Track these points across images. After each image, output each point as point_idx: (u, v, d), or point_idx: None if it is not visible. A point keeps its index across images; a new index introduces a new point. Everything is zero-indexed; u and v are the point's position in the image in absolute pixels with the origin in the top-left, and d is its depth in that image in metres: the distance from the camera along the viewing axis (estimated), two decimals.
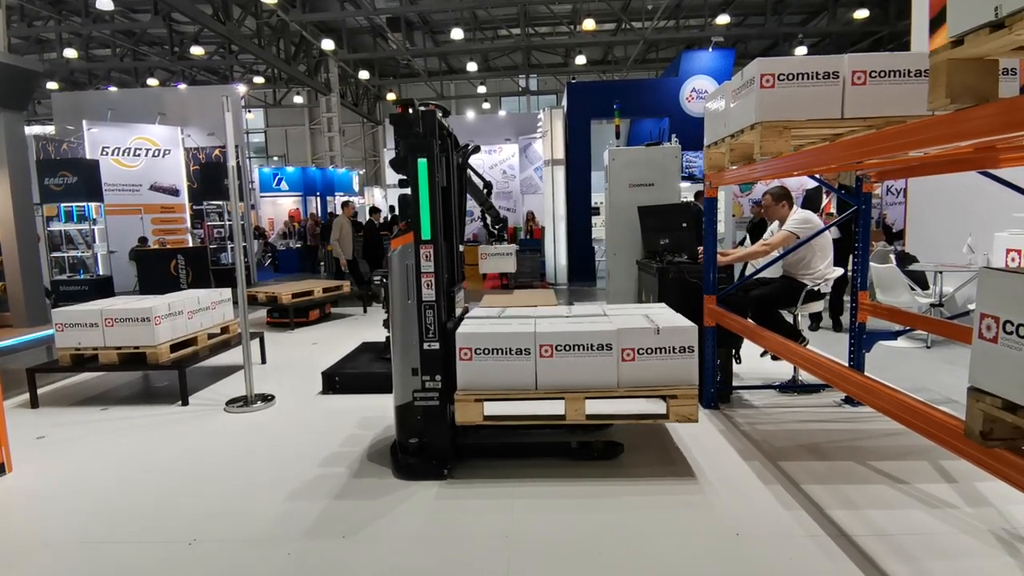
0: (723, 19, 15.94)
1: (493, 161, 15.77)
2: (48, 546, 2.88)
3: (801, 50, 17.70)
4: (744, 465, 3.53)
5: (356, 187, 22.85)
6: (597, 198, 12.86)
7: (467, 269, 12.98)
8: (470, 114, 19.52)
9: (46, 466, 3.84)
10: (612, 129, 14.33)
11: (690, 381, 3.31)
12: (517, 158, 15.33)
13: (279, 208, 21.05)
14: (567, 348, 3.31)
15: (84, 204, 11.46)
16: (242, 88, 16.22)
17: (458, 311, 3.92)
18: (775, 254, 4.55)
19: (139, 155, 13.29)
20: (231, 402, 4.99)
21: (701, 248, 4.57)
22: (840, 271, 4.73)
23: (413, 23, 19.68)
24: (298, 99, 24.03)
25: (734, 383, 4.76)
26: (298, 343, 7.47)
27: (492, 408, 3.38)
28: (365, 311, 9.76)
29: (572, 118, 12.13)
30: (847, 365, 4.20)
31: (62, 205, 11.43)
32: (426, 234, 3.41)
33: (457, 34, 16.52)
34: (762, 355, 5.37)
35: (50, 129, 15.50)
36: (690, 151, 11.17)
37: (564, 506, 3.10)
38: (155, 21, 16.46)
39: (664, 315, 3.65)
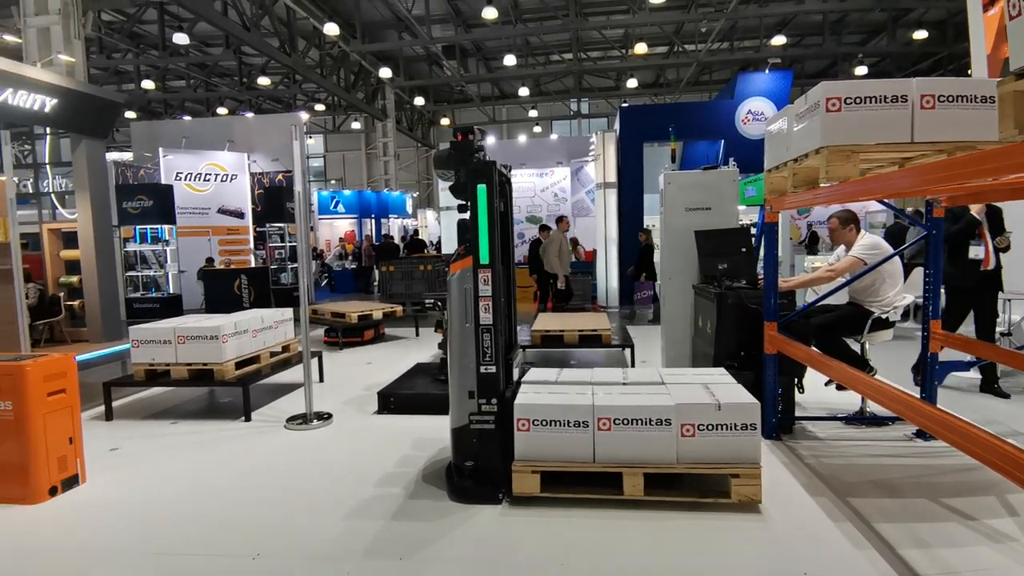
0: (779, 40, 15.68)
1: (544, 184, 15.85)
2: (121, 556, 3.02)
3: (860, 70, 17.22)
4: (810, 501, 3.38)
5: (409, 209, 23.41)
6: (649, 221, 12.74)
7: (519, 292, 13.03)
8: (522, 138, 19.76)
9: (119, 478, 4.02)
10: (665, 152, 14.23)
11: (753, 459, 3.23)
12: (568, 181, 15.37)
13: (336, 230, 21.73)
14: (625, 422, 3.28)
15: (158, 226, 12.14)
16: (304, 115, 16.91)
17: (515, 371, 3.90)
18: (840, 280, 4.39)
19: (209, 180, 14.00)
20: (291, 419, 5.14)
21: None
22: (910, 298, 4.52)
23: (467, 50, 20.18)
24: (356, 125, 24.91)
25: (797, 413, 4.59)
26: (353, 362, 7.64)
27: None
28: (417, 334, 9.90)
29: (624, 141, 12.11)
30: (919, 397, 3.99)
31: (138, 227, 12.14)
32: (484, 258, 3.45)
33: (510, 60, 16.82)
34: (826, 384, 5.16)
35: (128, 155, 16.52)
36: (748, 174, 10.97)
37: (622, 536, 3.04)
38: (226, 54, 17.45)
39: (725, 387, 3.54)
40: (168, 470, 4.14)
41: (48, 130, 16.32)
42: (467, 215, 3.52)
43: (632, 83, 20.19)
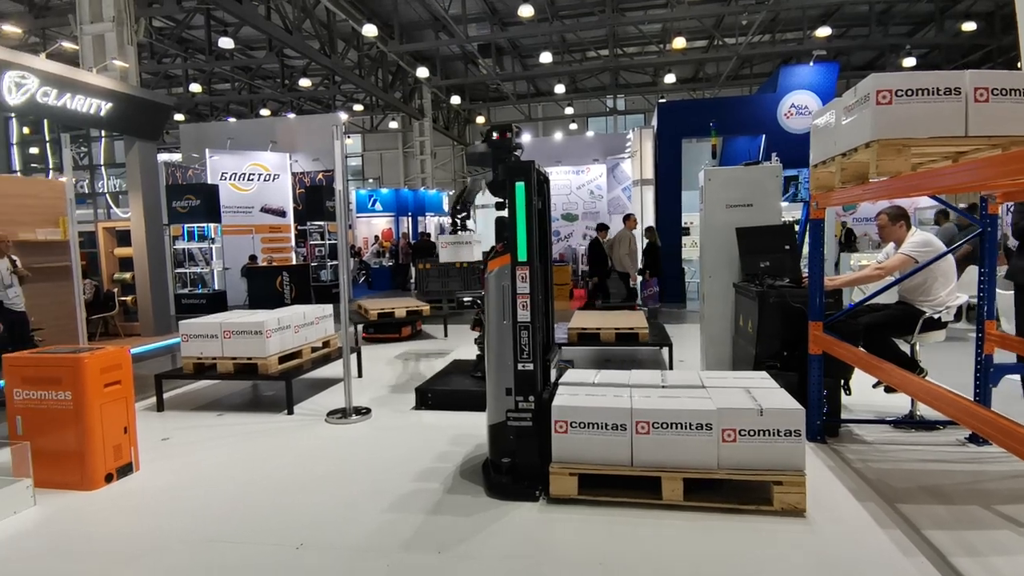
0: (823, 31, 15.23)
1: (580, 181, 15.77)
2: (173, 542, 3.13)
3: (908, 62, 16.59)
4: (858, 506, 3.28)
5: (445, 207, 23.57)
6: (687, 218, 12.56)
7: (556, 290, 13.01)
8: (557, 135, 19.67)
9: (170, 466, 4.18)
10: (702, 148, 14.02)
11: (797, 466, 3.15)
12: (604, 178, 15.27)
13: (373, 228, 22.05)
14: (664, 426, 3.25)
15: (205, 225, 12.54)
16: (344, 116, 17.23)
17: (553, 372, 3.88)
18: (890, 279, 4.25)
19: (252, 180, 14.39)
20: (331, 414, 5.24)
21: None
22: (964, 298, 4.34)
23: (503, 48, 20.21)
24: (393, 124, 25.23)
25: (843, 416, 4.46)
26: (391, 358, 7.75)
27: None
28: (446, 334, 9.97)
29: (662, 137, 11.96)
30: (972, 400, 3.84)
31: (186, 225, 12.56)
32: (522, 256, 3.46)
33: (546, 57, 16.77)
34: (874, 387, 5.00)
35: (177, 157, 17.09)
36: (790, 169, 10.71)
37: (661, 538, 3.01)
38: (269, 57, 17.87)
39: (768, 392, 3.47)
40: (216, 460, 4.28)
41: (103, 133, 17.02)
42: (505, 213, 3.53)
43: (670, 78, 19.89)
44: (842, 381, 4.39)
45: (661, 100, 17.26)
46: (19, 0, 14.37)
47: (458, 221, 5.26)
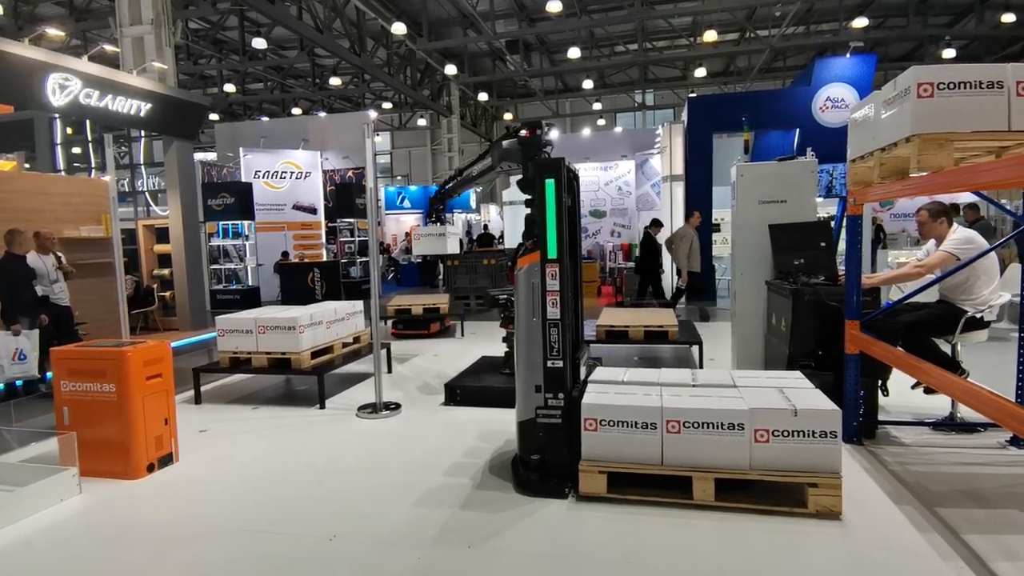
0: (860, 22, 14.83)
1: (609, 178, 15.66)
2: (213, 530, 3.23)
3: (948, 53, 16.05)
4: (895, 509, 3.21)
5: (473, 204, 23.68)
6: (718, 214, 12.38)
7: (584, 287, 12.95)
8: (586, 131, 19.57)
9: (208, 457, 4.31)
10: (733, 144, 13.78)
11: (832, 468, 3.11)
12: (633, 174, 15.13)
13: (401, 225, 22.26)
14: (695, 425, 3.24)
15: (239, 222, 12.82)
16: (373, 114, 17.42)
17: (582, 371, 3.88)
18: (930, 276, 4.14)
19: (285, 178, 14.64)
20: (362, 408, 5.33)
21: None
22: (1007, 296, 4.20)
23: (531, 44, 20.17)
24: (421, 122, 25.41)
25: (880, 417, 4.36)
26: (420, 354, 7.83)
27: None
28: (461, 333, 10.02)
29: (692, 132, 11.81)
30: (1014, 401, 3.72)
31: (220, 223, 12.85)
32: (552, 253, 3.46)
33: (574, 53, 16.68)
34: (913, 387, 4.88)
35: (212, 155, 17.48)
36: (825, 164, 10.48)
37: (691, 537, 2.99)
38: (300, 56, 18.16)
39: (802, 392, 3.42)
40: (251, 452, 4.39)
41: (143, 133, 17.50)
42: (534, 210, 3.54)
43: (700, 72, 19.60)
44: (879, 381, 4.30)
45: (691, 94, 17.00)
46: (61, 3, 14.85)
47: (434, 213, 5.28)
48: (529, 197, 3.62)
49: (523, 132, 4.05)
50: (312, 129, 15.63)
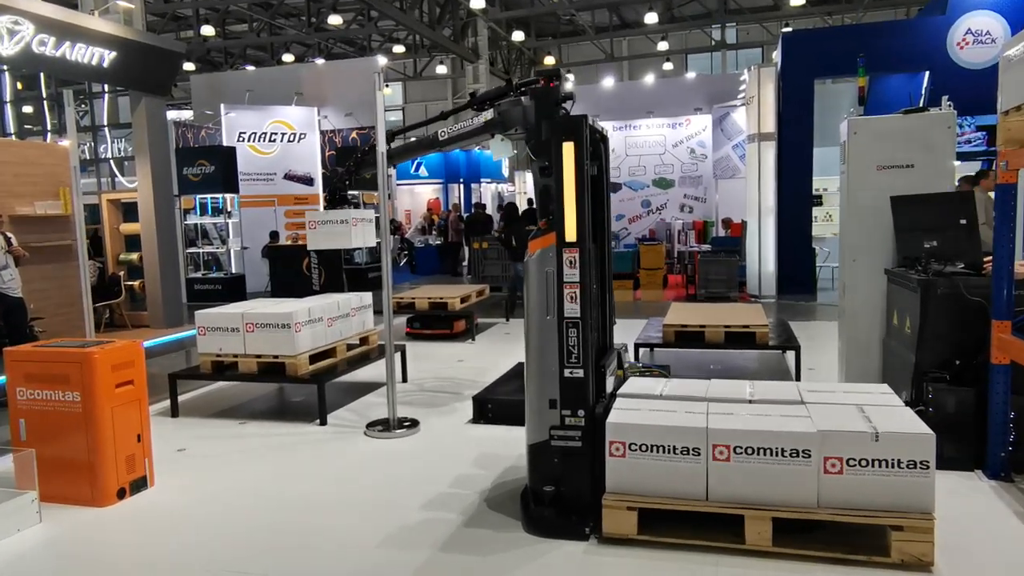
0: None
1: (678, 137, 15.51)
2: (190, 571, 3.33)
3: None
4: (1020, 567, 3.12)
5: (506, 172, 23.70)
6: (821, 183, 12.10)
7: (645, 275, 12.89)
8: (648, 78, 19.36)
9: (187, 482, 4.43)
10: (844, 91, 13.46)
11: (923, 507, 3.05)
12: (709, 132, 14.94)
13: (417, 198, 22.44)
14: (750, 451, 3.20)
15: (219, 195, 13.11)
16: (382, 60, 17.56)
17: (609, 382, 3.85)
18: None
19: (275, 140, 14.90)
20: (371, 425, 5.41)
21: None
22: None
23: None
24: (441, 69, 25.51)
25: None
26: (442, 359, 7.90)
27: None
28: (473, 338, 10.04)
29: (788, 78, 11.59)
30: None
31: (198, 197, 13.17)
32: (571, 235, 3.43)
33: None
34: None
35: (188, 114, 17.90)
36: (965, 117, 10.16)
37: None
38: None
39: (887, 411, 3.36)
40: (238, 477, 4.51)
41: (106, 87, 18.02)
42: (550, 180, 3.52)
43: (797, 0, 19.15)
44: None
45: (786, 29, 16.64)
46: None
47: (337, 191, 5.37)
48: (544, 164, 3.60)
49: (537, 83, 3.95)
50: (307, 80, 15.87)
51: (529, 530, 3.54)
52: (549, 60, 25.83)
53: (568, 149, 3.42)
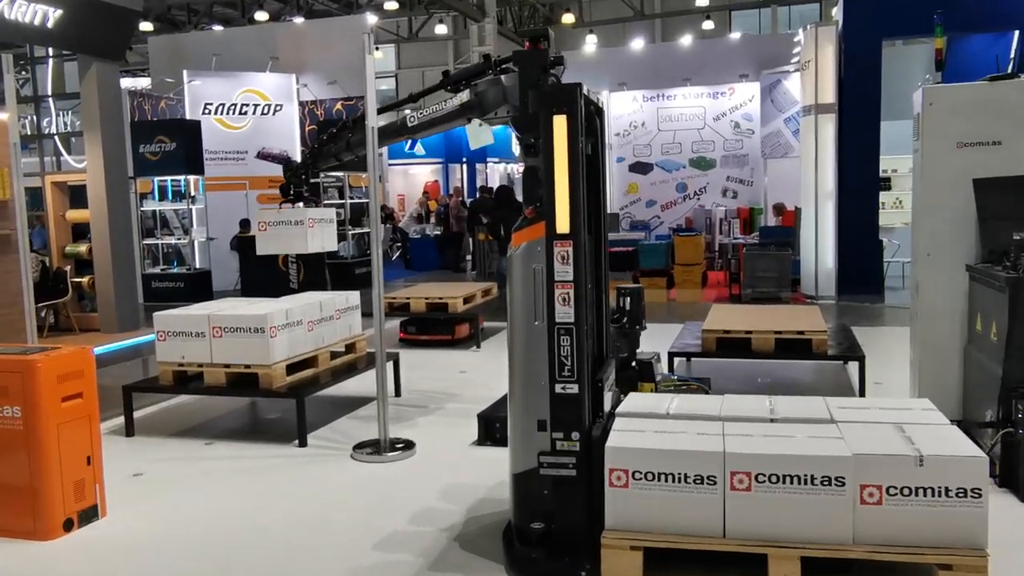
0: None
1: (720, 108, 15.48)
2: None
3: None
4: None
5: (515, 149, 23.72)
6: (890, 164, 12.05)
7: (681, 271, 12.87)
8: (685, 39, 19.33)
9: (144, 512, 4.46)
10: (918, 54, 13.37)
11: (975, 543, 3.03)
12: (757, 103, 14.90)
13: (412, 180, 22.51)
14: (774, 479, 3.18)
15: (181, 177, 13.16)
16: (372, 18, 17.62)
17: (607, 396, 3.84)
18: None
19: (246, 112, 14.98)
20: (359, 447, 5.43)
21: None
22: None
23: None
24: (441, 29, 25.53)
25: None
26: (441, 369, 7.92)
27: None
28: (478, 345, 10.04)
29: (851, 39, 11.58)
30: None
31: (157, 179, 13.24)
32: (564, 226, 3.39)
33: None
34: None
35: (145, 82, 18.01)
36: None
37: None
38: None
39: (930, 429, 3.36)
40: (202, 507, 4.53)
41: (50, 51, 18.14)
42: (536, 161, 3.54)
43: None
44: None
45: None
46: None
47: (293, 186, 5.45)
48: (530, 142, 3.61)
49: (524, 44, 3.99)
50: (284, 42, 15.92)
51: (513, 574, 3.54)
52: (568, 18, 25.78)
53: (559, 124, 3.38)
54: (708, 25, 24.32)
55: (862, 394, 6.24)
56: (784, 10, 25.26)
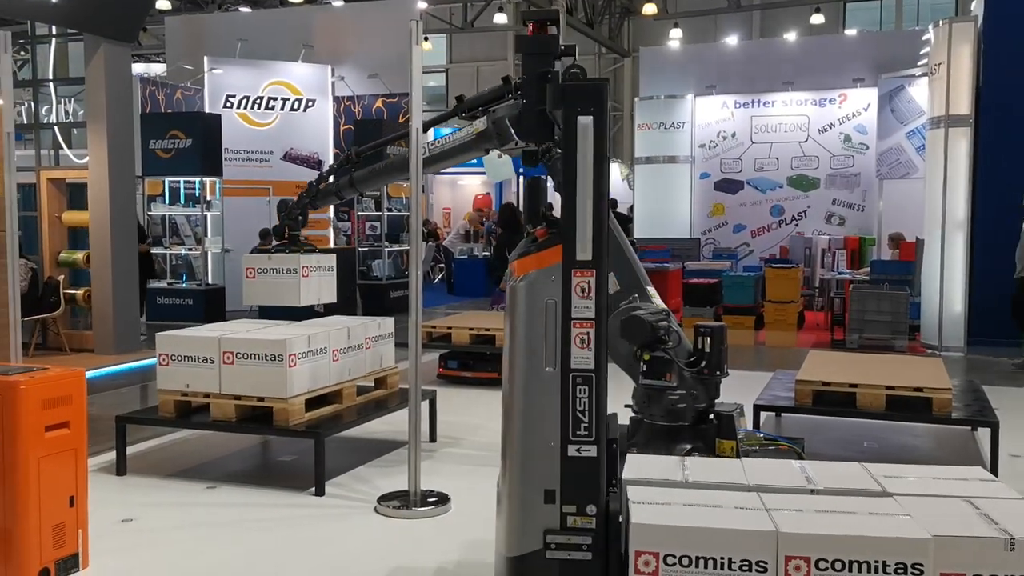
0: None
1: (828, 119, 15.30)
2: None
3: None
4: None
5: None
6: None
7: (772, 310, 12.71)
8: (789, 36, 19.21)
9: (131, 566, 4.47)
10: None
11: None
12: (874, 113, 14.71)
13: (460, 193, 22.64)
14: (838, 566, 3.01)
15: (196, 179, 13.39)
16: (422, 3, 17.84)
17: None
18: None
19: (273, 107, 15.21)
20: (385, 499, 5.41)
21: None
22: None
23: None
24: (500, 18, 25.78)
25: None
26: (484, 411, 7.88)
27: None
28: None
29: (994, 37, 11.40)
30: None
31: (168, 180, 13.49)
32: (586, 251, 3.29)
33: None
34: None
35: (160, 68, 18.43)
36: None
37: None
38: None
39: (1004, 504, 3.24)
40: (198, 565, 4.53)
41: (53, 29, 18.72)
42: (537, 170, 3.62)
43: None
44: None
45: None
46: None
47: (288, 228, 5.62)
48: (532, 148, 3.65)
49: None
50: (319, 28, 16.18)
51: None
52: (650, 8, 25.84)
53: (585, 127, 3.29)
54: (817, 19, 24.13)
55: (994, 467, 6.05)
56: (910, 2, 24.94)
